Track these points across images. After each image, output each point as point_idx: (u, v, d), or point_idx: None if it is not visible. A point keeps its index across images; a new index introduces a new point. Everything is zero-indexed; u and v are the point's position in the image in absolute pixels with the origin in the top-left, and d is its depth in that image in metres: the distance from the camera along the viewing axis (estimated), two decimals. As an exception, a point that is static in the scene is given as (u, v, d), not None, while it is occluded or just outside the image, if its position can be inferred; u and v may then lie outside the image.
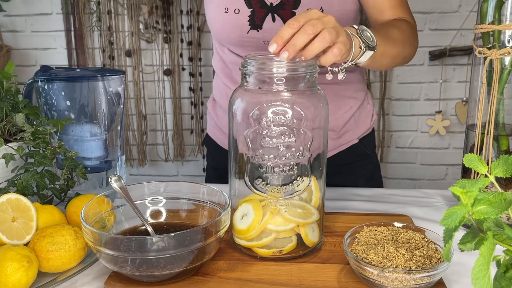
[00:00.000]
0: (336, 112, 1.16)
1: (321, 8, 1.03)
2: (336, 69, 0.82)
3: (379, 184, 1.27)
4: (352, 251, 0.76)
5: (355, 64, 0.85)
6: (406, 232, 0.80)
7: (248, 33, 1.08)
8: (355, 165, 1.23)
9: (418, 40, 1.08)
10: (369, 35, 0.85)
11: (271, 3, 1.05)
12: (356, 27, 0.84)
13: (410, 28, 1.04)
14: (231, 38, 1.11)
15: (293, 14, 1.04)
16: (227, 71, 1.19)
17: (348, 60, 0.82)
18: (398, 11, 1.07)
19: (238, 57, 1.14)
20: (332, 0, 1.03)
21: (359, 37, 0.82)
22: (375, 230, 0.80)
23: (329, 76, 0.83)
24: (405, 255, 0.72)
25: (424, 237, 0.78)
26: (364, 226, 0.81)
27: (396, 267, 0.70)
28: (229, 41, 1.13)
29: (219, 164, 1.30)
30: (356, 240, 0.79)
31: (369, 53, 0.84)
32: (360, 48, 0.82)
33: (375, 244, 0.76)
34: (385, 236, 0.79)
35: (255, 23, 1.06)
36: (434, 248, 0.75)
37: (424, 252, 0.74)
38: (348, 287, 0.74)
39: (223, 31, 1.11)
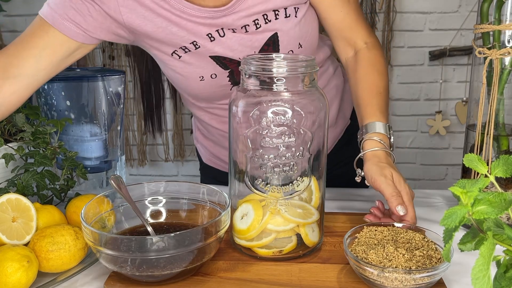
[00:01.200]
0: (330, 108, 1.17)
1: (299, 43, 1.00)
2: (363, 173, 0.92)
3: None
4: (352, 251, 0.76)
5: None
6: (406, 232, 0.80)
7: (231, 89, 1.04)
8: (353, 141, 1.25)
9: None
10: (392, 139, 0.96)
11: None
12: (392, 150, 0.95)
13: (383, 62, 1.05)
14: (212, 98, 1.07)
15: None
16: (218, 119, 1.13)
17: None
18: (359, 30, 1.04)
19: (223, 105, 1.09)
20: (304, 34, 1.01)
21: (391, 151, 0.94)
22: (375, 230, 0.80)
23: (358, 179, 0.94)
24: (405, 255, 0.72)
25: (424, 237, 0.78)
26: (364, 226, 0.81)
27: (396, 267, 0.70)
28: (210, 100, 1.08)
29: (222, 184, 1.28)
30: (356, 240, 0.79)
31: None
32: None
33: (375, 244, 0.76)
34: (385, 236, 0.79)
35: (236, 80, 1.02)
36: (434, 248, 0.75)
37: (424, 252, 0.74)
38: (348, 287, 0.74)
39: (202, 95, 1.06)
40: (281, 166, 0.77)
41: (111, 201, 0.84)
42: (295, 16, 0.98)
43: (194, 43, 0.97)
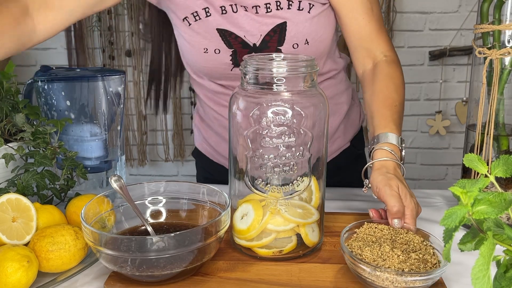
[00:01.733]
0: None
1: (306, 39, 1.01)
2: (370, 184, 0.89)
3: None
4: (348, 246, 0.75)
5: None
6: (406, 233, 0.79)
7: (231, 70, 1.05)
8: (347, 167, 1.22)
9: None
10: (404, 152, 0.95)
11: (254, 44, 1.02)
12: (402, 164, 0.92)
13: (401, 77, 1.03)
14: (213, 75, 1.08)
15: (278, 51, 1.01)
16: (215, 99, 1.15)
17: None
18: (379, 41, 1.03)
19: (224, 88, 1.11)
20: (313, 32, 1.01)
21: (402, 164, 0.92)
22: (375, 228, 0.80)
23: (365, 190, 0.92)
24: (400, 257, 0.72)
25: (423, 240, 0.77)
26: (365, 222, 0.81)
27: (388, 267, 0.70)
28: (211, 77, 1.10)
29: (210, 175, 1.30)
30: (355, 235, 0.79)
31: None
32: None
33: (372, 242, 0.76)
34: (384, 235, 0.78)
35: (238, 62, 1.03)
36: (432, 253, 0.74)
37: (420, 255, 0.73)
38: (348, 287, 0.74)
39: (203, 69, 1.08)
40: (281, 166, 0.77)
41: (111, 201, 0.84)
42: (308, 12, 1.00)
43: (206, 9, 1.00)
